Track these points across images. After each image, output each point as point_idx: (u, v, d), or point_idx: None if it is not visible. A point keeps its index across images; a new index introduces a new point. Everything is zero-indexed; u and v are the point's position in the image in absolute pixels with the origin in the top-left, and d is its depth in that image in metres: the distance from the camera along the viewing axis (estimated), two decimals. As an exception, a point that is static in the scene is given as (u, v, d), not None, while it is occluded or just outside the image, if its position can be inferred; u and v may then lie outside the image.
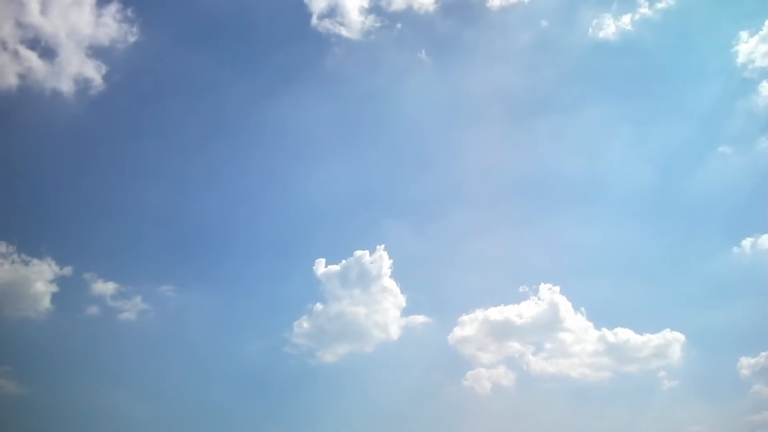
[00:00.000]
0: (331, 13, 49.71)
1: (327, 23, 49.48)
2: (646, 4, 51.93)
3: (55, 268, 43.93)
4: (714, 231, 50.39)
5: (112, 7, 47.05)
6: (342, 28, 49.72)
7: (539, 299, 48.24)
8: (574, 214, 51.65)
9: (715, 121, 51.47)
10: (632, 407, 46.89)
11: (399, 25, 50.82)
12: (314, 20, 49.69)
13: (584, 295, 48.74)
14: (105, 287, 44.85)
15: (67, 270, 44.30)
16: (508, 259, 50.97)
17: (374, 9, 50.11)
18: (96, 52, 46.36)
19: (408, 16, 50.14)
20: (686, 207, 51.74)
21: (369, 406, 45.07)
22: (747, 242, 48.41)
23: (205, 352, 45.91)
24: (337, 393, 46.06)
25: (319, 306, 47.51)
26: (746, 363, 46.00)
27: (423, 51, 51.88)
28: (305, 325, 47.27)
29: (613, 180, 52.07)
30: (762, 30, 49.27)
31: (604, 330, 47.92)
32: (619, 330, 47.64)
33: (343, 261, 47.83)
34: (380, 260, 47.52)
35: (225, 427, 42.64)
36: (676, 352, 46.93)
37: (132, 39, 47.28)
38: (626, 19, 51.94)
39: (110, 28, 46.54)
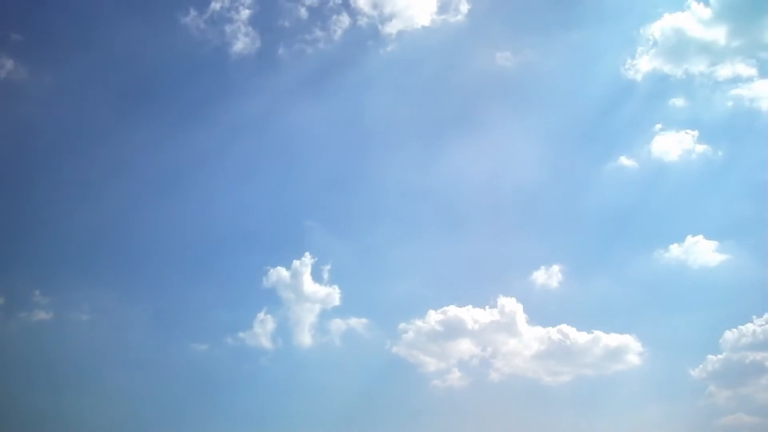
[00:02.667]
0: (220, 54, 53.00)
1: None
2: (554, 35, 55.39)
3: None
4: (636, 236, 51.35)
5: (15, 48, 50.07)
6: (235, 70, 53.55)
7: (487, 304, 48.09)
8: (490, 225, 52.29)
9: (614, 133, 54.09)
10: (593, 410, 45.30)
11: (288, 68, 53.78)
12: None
13: (529, 298, 48.40)
14: (43, 300, 44.99)
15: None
16: (442, 267, 51.04)
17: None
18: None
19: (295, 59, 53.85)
20: (595, 214, 52.86)
21: (313, 412, 43.87)
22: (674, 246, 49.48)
23: (151, 358, 45.60)
24: (277, 396, 45.73)
25: (262, 311, 47.41)
26: (700, 366, 45.43)
27: (318, 86, 54.57)
28: (247, 330, 47.02)
29: (523, 192, 53.48)
30: (657, 45, 53.23)
31: (551, 330, 47.39)
32: (567, 330, 47.16)
33: (286, 268, 48.25)
34: (319, 268, 48.22)
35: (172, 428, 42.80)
36: (632, 355, 46.29)
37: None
38: (528, 52, 55.77)
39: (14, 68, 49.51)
